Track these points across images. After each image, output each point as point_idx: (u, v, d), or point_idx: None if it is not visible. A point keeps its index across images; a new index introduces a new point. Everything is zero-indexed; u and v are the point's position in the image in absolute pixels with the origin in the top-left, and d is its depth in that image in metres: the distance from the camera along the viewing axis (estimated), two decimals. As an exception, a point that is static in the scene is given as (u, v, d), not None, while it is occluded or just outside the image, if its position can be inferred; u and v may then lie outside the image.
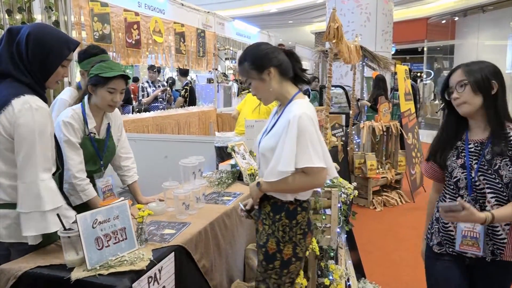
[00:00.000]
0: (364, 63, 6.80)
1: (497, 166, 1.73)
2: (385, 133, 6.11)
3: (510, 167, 1.72)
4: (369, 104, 6.89)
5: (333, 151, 4.58)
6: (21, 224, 1.62)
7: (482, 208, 1.76)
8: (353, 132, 6.24)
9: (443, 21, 14.58)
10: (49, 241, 1.73)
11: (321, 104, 8.07)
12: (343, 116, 6.30)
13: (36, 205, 1.59)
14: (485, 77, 1.76)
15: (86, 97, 2.28)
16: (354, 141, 6.23)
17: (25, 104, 1.60)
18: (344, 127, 5.62)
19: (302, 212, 1.89)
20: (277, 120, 1.90)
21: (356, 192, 3.01)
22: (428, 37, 15.17)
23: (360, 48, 5.40)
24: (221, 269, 2.24)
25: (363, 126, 6.01)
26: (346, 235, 3.25)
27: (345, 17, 8.48)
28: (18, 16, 3.39)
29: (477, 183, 1.77)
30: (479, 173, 1.76)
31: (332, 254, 2.71)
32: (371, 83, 7.40)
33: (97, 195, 2.24)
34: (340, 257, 2.97)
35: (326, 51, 5.50)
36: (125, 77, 2.24)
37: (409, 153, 6.25)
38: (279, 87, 1.89)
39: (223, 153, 3.30)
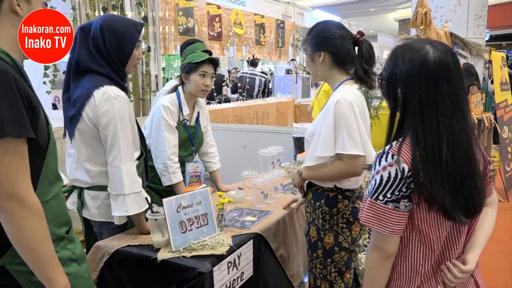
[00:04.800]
0: (454, 51, 6.32)
1: None
2: (476, 126, 5.65)
3: None
4: None
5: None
6: (111, 204, 1.75)
7: None
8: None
9: (548, 3, 13.06)
10: (133, 223, 1.84)
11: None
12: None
13: (120, 188, 1.70)
14: (391, 81, 1.20)
15: (180, 87, 2.44)
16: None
17: (105, 95, 1.70)
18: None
19: (344, 201, 1.80)
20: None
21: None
22: (529, 21, 13.69)
23: (449, 34, 5.04)
24: (298, 260, 2.24)
25: (451, 118, 5.60)
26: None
27: (433, 2, 7.91)
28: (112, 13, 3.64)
29: None
30: None
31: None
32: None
33: (182, 182, 2.35)
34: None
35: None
36: (214, 62, 2.37)
37: (504, 148, 5.73)
38: (327, 73, 1.82)
39: (301, 144, 3.28)
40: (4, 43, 1.12)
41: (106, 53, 1.75)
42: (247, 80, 6.98)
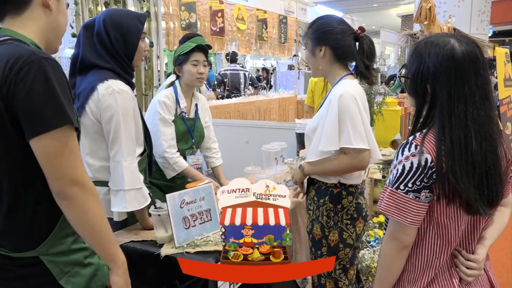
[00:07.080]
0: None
1: None
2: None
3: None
4: None
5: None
6: (111, 199, 1.73)
7: None
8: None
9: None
10: (133, 220, 1.84)
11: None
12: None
13: (120, 183, 1.69)
14: (418, 78, 1.19)
15: (176, 81, 2.44)
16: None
17: (108, 88, 1.69)
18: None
19: (348, 197, 1.79)
20: (323, 103, 1.83)
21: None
22: (533, 17, 13.59)
23: (453, 30, 5.01)
24: (301, 255, 2.24)
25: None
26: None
27: (436, -3, 7.89)
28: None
29: None
30: None
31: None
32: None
33: (189, 166, 2.34)
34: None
35: (414, 34, 5.18)
36: (203, 50, 2.35)
37: (507, 144, 5.70)
38: (328, 68, 1.81)
39: (303, 140, 3.27)
40: (33, 36, 1.14)
41: (111, 48, 1.74)
42: (231, 76, 6.92)
